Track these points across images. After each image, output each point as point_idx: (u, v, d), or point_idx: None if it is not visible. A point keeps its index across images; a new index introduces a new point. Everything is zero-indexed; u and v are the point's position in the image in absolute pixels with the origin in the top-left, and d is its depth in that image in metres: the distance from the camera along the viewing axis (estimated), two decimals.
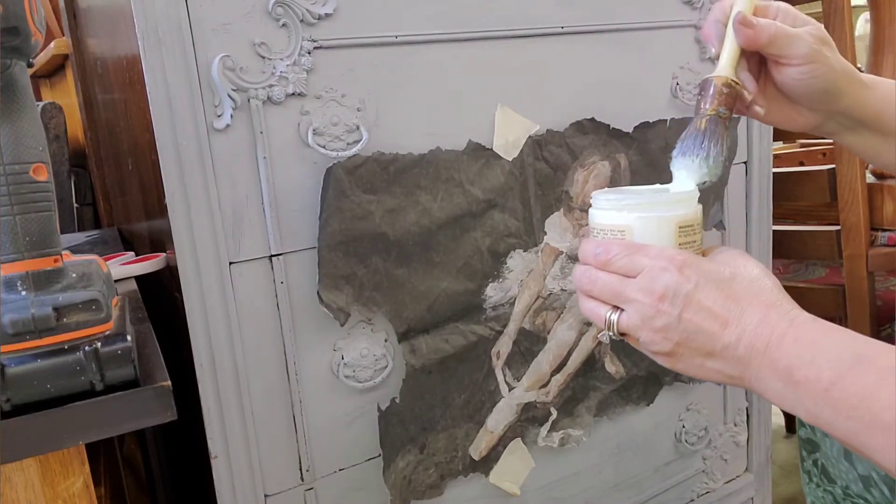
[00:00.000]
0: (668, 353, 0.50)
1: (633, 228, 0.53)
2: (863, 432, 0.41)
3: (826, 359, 0.44)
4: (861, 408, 0.41)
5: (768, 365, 0.46)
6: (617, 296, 0.51)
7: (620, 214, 0.54)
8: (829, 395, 0.43)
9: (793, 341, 0.45)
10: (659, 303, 0.48)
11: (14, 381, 0.46)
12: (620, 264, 0.51)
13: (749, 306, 0.48)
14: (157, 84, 0.63)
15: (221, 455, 0.71)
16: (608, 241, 0.53)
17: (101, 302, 0.50)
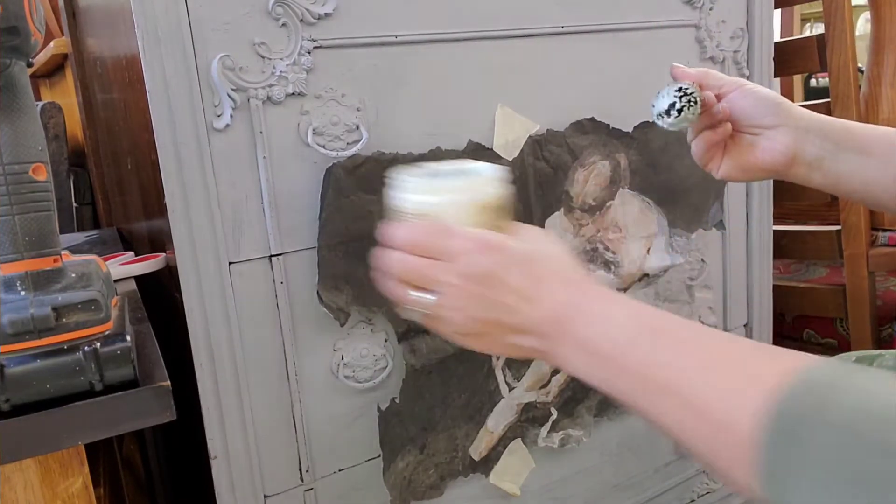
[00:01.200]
0: (477, 333, 0.51)
1: (443, 211, 0.53)
2: (654, 400, 0.43)
3: (620, 330, 0.46)
4: (651, 376, 0.43)
5: (570, 339, 0.48)
6: (432, 280, 0.51)
7: (429, 197, 0.54)
8: (623, 364, 0.45)
9: (591, 315, 0.47)
10: (468, 284, 0.49)
11: (13, 382, 0.46)
12: (430, 247, 0.51)
13: (552, 283, 0.49)
14: (156, 84, 0.63)
15: (221, 455, 0.71)
16: (418, 224, 0.52)
17: (101, 302, 0.49)
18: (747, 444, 0.36)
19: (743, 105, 0.66)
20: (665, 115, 0.64)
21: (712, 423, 0.39)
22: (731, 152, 0.68)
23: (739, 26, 0.99)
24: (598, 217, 0.90)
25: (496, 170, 0.55)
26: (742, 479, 0.37)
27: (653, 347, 0.44)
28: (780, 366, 0.37)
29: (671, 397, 0.42)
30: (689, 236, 0.98)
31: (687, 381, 0.41)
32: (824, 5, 1.15)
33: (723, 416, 0.38)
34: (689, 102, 0.63)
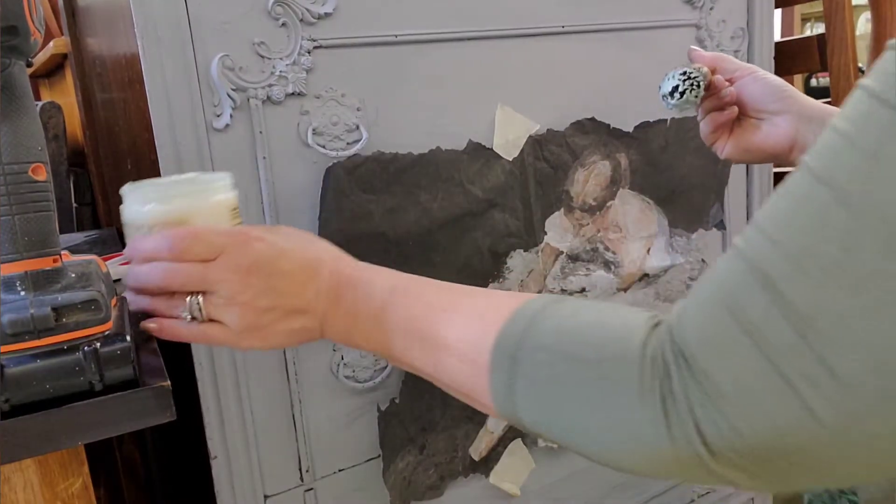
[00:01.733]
0: (256, 325, 0.51)
1: (191, 216, 0.54)
2: (412, 348, 0.48)
3: (378, 292, 0.50)
4: (406, 328, 0.48)
5: (338, 309, 0.51)
6: (202, 281, 0.50)
7: (173, 206, 0.54)
8: (382, 321, 0.50)
9: (354, 284, 0.52)
10: (247, 276, 0.50)
11: (13, 382, 0.45)
12: (198, 250, 0.51)
13: (320, 263, 0.53)
14: (156, 83, 0.63)
15: (221, 455, 0.71)
16: (177, 231, 0.52)
17: (101, 302, 0.49)
18: (483, 371, 0.43)
19: (752, 90, 0.70)
20: (669, 97, 0.69)
21: (458, 358, 0.45)
22: (736, 134, 0.73)
23: (740, 26, 0.99)
24: (599, 217, 0.90)
25: (224, 175, 0.58)
26: (486, 403, 0.44)
27: (405, 304, 0.49)
28: (506, 305, 0.44)
29: (425, 343, 0.47)
30: (689, 236, 0.98)
31: (435, 328, 0.47)
32: (824, 5, 1.15)
33: (465, 351, 0.45)
34: (691, 86, 0.67)
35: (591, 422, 0.38)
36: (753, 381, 0.32)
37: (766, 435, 0.32)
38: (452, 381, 0.47)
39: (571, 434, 0.40)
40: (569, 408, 0.39)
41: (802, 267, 0.32)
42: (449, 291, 0.50)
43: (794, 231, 0.33)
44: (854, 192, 0.31)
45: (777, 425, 0.32)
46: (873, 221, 0.30)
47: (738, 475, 0.34)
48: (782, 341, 0.32)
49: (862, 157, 0.31)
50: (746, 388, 0.32)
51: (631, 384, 0.36)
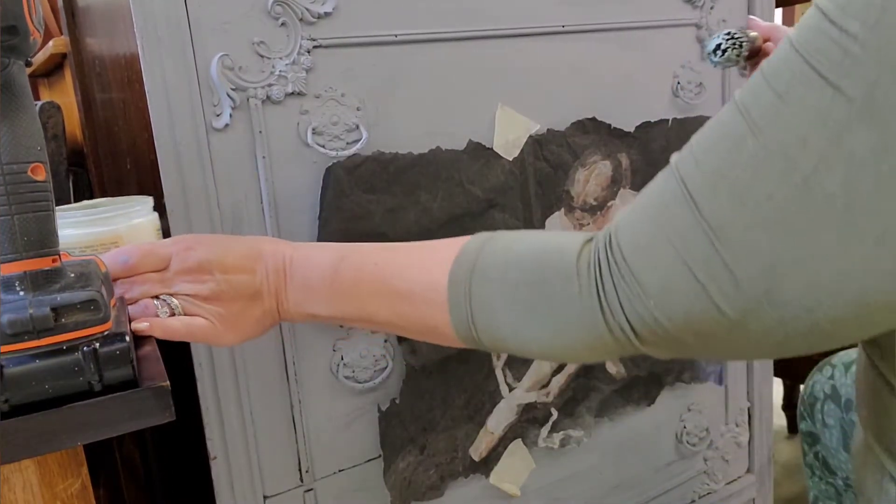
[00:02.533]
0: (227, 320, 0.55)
1: (125, 235, 0.64)
2: (370, 304, 0.53)
3: (328, 260, 0.55)
4: (361, 286, 0.53)
5: (291, 285, 0.56)
6: (163, 286, 0.54)
7: (108, 228, 0.63)
8: (337, 285, 0.54)
9: (302, 259, 0.56)
10: (200, 274, 0.54)
11: (12, 382, 0.45)
12: (150, 261, 0.54)
13: (264, 248, 0.57)
14: (155, 83, 0.63)
15: (220, 456, 0.71)
16: (125, 248, 0.55)
17: (100, 302, 0.49)
18: (443, 308, 0.48)
19: None
20: (712, 54, 0.75)
21: (417, 300, 0.50)
22: None
23: (740, 26, 0.99)
24: (599, 217, 0.90)
25: (146, 199, 0.67)
26: (448, 334, 0.49)
27: (356, 266, 0.54)
28: (446, 251, 0.50)
29: (383, 296, 0.52)
30: None
31: (391, 282, 0.52)
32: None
33: (422, 291, 0.50)
34: (733, 45, 0.73)
35: (543, 331, 0.45)
36: (674, 282, 0.39)
37: (681, 324, 0.39)
38: (415, 324, 0.52)
39: (527, 344, 0.46)
40: (522, 323, 0.45)
41: (716, 187, 0.37)
42: (392, 250, 0.55)
43: (713, 154, 0.38)
44: (764, 126, 0.36)
45: (690, 317, 0.39)
46: (775, 153, 0.36)
47: (658, 351, 0.43)
48: (698, 249, 0.38)
49: (774, 96, 0.36)
50: (667, 288, 0.39)
51: (571, 290, 0.43)
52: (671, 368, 0.99)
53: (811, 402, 0.86)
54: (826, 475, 0.84)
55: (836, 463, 0.82)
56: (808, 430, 0.86)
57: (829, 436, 0.82)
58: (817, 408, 0.84)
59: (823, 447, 0.84)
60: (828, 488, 0.84)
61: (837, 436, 0.80)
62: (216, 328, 0.55)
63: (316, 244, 0.59)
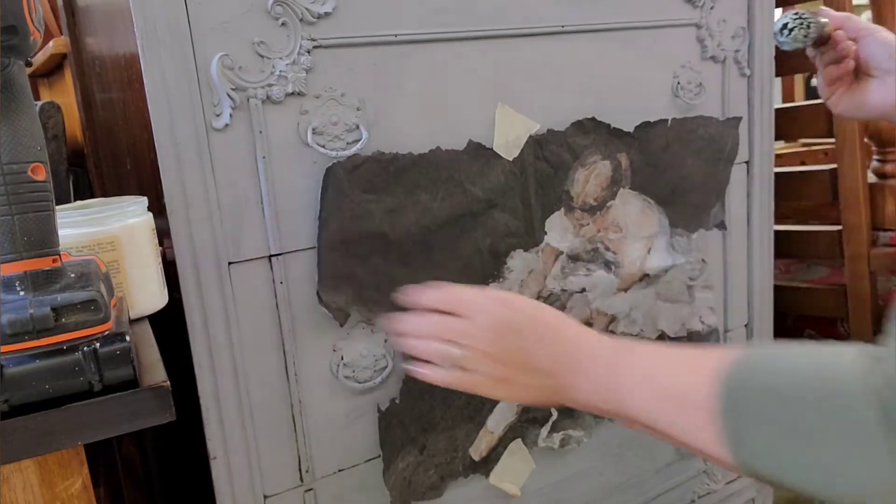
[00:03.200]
0: (500, 378, 0.58)
1: (120, 236, 0.65)
2: (642, 407, 0.52)
3: (610, 359, 0.55)
4: (642, 384, 0.52)
5: (578, 374, 0.56)
6: (463, 334, 0.58)
7: (104, 228, 0.65)
8: (615, 386, 0.53)
9: (590, 355, 0.56)
10: (501, 336, 0.57)
11: (12, 382, 0.45)
12: (448, 305, 0.59)
13: (556, 331, 0.58)
14: (155, 83, 0.63)
15: (220, 456, 0.71)
16: (447, 291, 0.60)
17: (100, 302, 0.49)
18: (709, 417, 0.44)
19: (871, 49, 0.77)
20: (779, 34, 0.77)
21: (683, 407, 0.47)
22: (851, 90, 0.80)
23: (740, 25, 0.99)
24: (599, 217, 0.90)
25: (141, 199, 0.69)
26: (717, 454, 0.44)
27: (630, 363, 0.53)
28: (722, 355, 0.46)
29: (657, 396, 0.51)
30: (689, 236, 0.98)
31: (664, 382, 0.50)
32: (825, 5, 1.14)
33: (687, 397, 0.47)
34: (799, 25, 0.75)
35: (828, 458, 0.37)
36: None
37: None
38: (682, 434, 0.49)
39: (807, 472, 0.39)
40: (801, 446, 0.39)
41: None
42: (662, 350, 0.53)
43: None
44: None
45: None
46: None
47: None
48: None
49: None
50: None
51: (866, 419, 0.36)
52: None
53: None
54: None
55: None
56: None
57: None
58: None
59: None
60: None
61: None
62: (487, 384, 0.58)
63: (590, 331, 0.59)
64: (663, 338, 0.98)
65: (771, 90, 1.04)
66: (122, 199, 0.74)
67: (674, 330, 0.98)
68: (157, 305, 0.72)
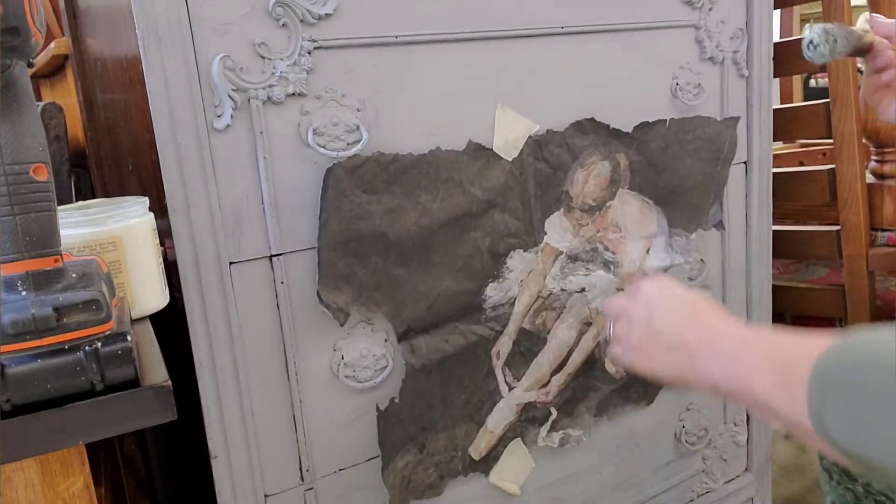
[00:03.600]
0: (638, 346, 0.64)
1: (121, 236, 0.66)
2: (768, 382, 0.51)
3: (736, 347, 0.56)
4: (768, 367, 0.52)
5: (710, 359, 0.58)
6: (623, 310, 0.66)
7: (105, 228, 0.65)
8: (739, 366, 0.54)
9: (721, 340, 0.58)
10: (649, 311, 0.63)
11: (14, 381, 0.46)
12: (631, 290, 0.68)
13: (697, 313, 0.61)
14: (157, 84, 0.64)
15: (221, 455, 0.71)
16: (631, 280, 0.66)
17: (102, 302, 0.50)
18: (802, 391, 0.45)
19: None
20: (805, 49, 0.77)
21: (789, 385, 0.47)
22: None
23: (739, 26, 0.99)
24: (598, 217, 0.90)
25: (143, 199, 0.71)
26: (800, 420, 0.45)
27: (756, 348, 0.54)
28: (824, 339, 0.47)
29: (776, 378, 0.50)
30: (688, 236, 0.98)
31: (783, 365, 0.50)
32: (824, 6, 1.15)
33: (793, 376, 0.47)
34: (825, 41, 0.75)
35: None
36: None
37: None
38: (782, 409, 0.49)
39: (882, 442, 0.39)
40: (878, 416, 0.39)
41: None
42: (778, 334, 0.55)
43: None
44: None
45: None
46: None
47: None
48: None
49: None
50: None
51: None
52: None
53: None
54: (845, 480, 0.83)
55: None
56: None
57: None
58: None
59: None
60: (846, 493, 0.83)
61: None
62: (623, 350, 0.65)
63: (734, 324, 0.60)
64: None
65: (769, 91, 1.04)
66: (123, 199, 0.74)
67: None
68: (159, 305, 0.72)
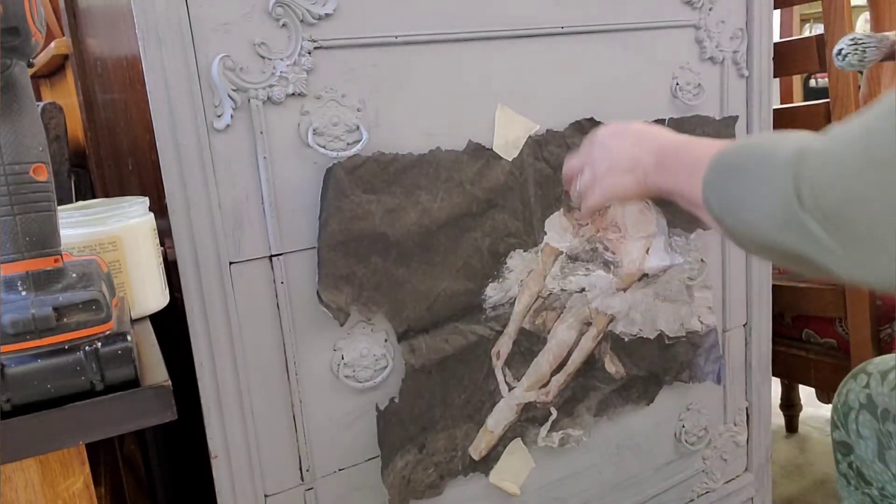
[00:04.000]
0: (597, 176, 0.70)
1: (121, 236, 0.66)
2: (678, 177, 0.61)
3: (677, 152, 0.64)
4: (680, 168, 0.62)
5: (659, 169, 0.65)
6: (588, 156, 0.73)
7: (106, 228, 0.66)
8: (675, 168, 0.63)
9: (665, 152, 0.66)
10: (599, 148, 0.71)
11: (14, 381, 0.46)
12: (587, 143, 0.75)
13: (644, 136, 0.68)
14: (157, 84, 0.64)
15: (221, 455, 0.71)
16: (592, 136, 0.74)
17: (102, 302, 0.49)
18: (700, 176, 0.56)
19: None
20: (835, 58, 0.80)
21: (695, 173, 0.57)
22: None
23: (739, 27, 0.99)
24: (598, 217, 0.90)
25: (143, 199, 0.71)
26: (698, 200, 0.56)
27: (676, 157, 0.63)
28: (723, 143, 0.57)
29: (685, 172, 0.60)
30: (688, 236, 0.98)
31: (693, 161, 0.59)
32: (824, 6, 1.15)
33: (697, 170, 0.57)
34: (854, 51, 0.77)
35: (749, 189, 0.49)
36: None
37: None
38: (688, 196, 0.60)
39: (733, 202, 0.51)
40: (737, 183, 0.51)
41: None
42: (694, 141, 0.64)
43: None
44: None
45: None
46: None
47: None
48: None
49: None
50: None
51: (782, 161, 0.47)
52: (669, 368, 1.00)
53: (845, 411, 0.83)
54: (862, 485, 0.83)
55: (871, 474, 0.81)
56: (841, 439, 0.84)
57: (864, 447, 0.80)
58: (851, 417, 0.82)
59: (858, 458, 0.82)
60: (864, 498, 0.83)
61: (873, 447, 0.79)
62: (589, 185, 0.71)
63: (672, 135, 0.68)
64: (662, 337, 0.98)
65: (769, 91, 1.04)
66: (123, 199, 0.74)
67: (673, 329, 0.99)
68: (159, 305, 0.72)
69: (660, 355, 0.99)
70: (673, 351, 0.99)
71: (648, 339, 0.97)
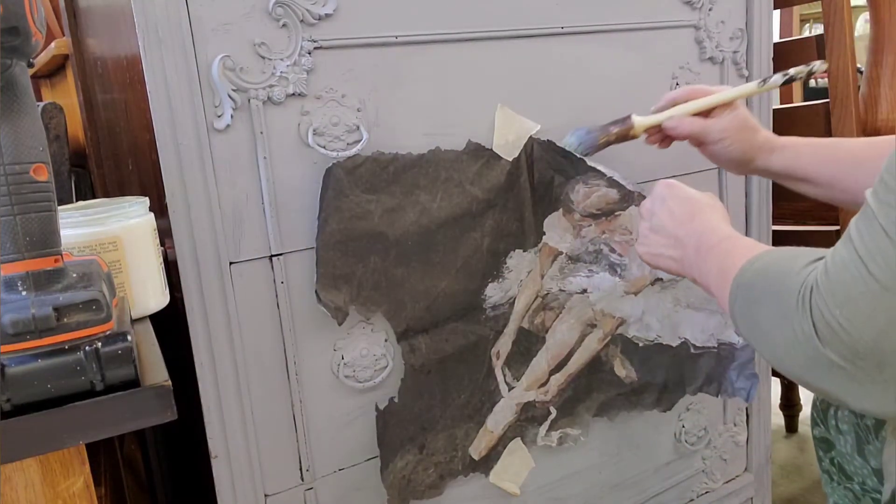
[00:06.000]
0: (645, 239, 0.72)
1: (121, 236, 0.67)
2: (710, 273, 0.63)
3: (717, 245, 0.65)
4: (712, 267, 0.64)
5: (697, 256, 0.66)
6: (646, 210, 0.74)
7: (106, 228, 0.66)
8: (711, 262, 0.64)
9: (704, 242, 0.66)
10: (657, 210, 0.71)
11: (14, 381, 0.46)
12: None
13: (698, 212, 0.68)
14: (157, 84, 0.64)
15: (221, 455, 0.72)
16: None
17: (102, 302, 0.49)
18: (728, 287, 0.58)
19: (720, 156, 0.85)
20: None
21: (723, 280, 0.60)
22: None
23: (739, 27, 0.99)
24: (603, 220, 0.89)
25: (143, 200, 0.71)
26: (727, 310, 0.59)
27: (711, 254, 0.64)
28: (751, 252, 0.58)
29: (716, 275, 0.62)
30: None
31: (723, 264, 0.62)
32: (823, 6, 1.15)
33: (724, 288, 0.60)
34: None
35: (771, 325, 0.51)
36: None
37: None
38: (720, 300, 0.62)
39: (758, 334, 0.53)
40: (758, 315, 0.53)
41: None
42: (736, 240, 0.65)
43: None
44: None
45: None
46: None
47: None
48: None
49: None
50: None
51: (795, 301, 0.49)
52: (693, 378, 0.97)
53: (823, 408, 0.84)
54: (844, 480, 0.83)
55: (852, 469, 0.81)
56: (821, 436, 0.85)
57: (843, 442, 0.81)
58: (830, 413, 0.82)
59: (838, 453, 0.83)
60: (846, 493, 0.84)
61: (852, 441, 0.79)
62: (638, 242, 0.74)
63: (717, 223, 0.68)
64: (687, 346, 0.95)
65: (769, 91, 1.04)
66: (123, 199, 0.74)
67: (700, 339, 0.95)
68: (159, 305, 0.72)
69: (681, 364, 0.95)
70: (699, 361, 0.95)
71: (669, 346, 0.94)
